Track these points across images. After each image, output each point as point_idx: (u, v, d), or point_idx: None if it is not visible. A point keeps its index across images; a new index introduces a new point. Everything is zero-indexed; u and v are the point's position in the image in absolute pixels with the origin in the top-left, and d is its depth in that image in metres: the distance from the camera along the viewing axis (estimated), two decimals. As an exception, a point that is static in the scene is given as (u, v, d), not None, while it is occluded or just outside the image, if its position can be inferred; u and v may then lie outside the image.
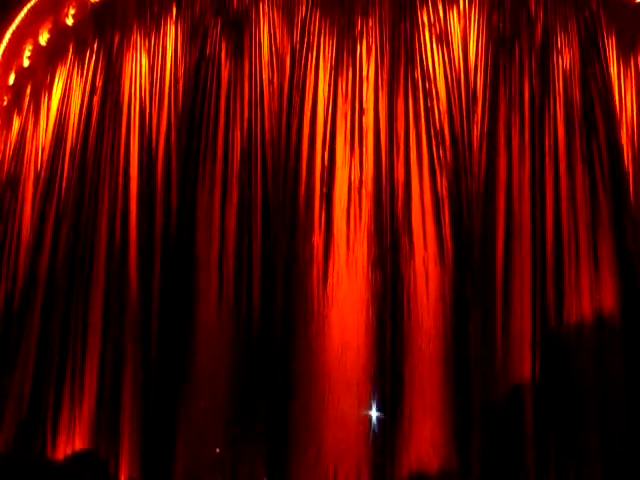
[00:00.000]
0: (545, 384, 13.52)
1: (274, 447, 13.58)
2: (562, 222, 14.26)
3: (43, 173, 16.08)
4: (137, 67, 15.98)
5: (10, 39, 17.19)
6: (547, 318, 13.84)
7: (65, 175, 15.74)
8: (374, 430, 13.53)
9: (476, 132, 14.93)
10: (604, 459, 13.02)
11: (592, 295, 13.83)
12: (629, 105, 15.70)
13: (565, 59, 15.30)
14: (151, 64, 15.96)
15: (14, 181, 16.43)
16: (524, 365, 13.69)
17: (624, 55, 15.88)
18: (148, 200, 15.08)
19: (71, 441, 13.82)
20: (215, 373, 13.85)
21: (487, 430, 13.47)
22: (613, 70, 15.50)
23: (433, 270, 14.16)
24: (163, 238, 14.85)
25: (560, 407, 13.37)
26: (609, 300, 13.80)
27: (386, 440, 13.49)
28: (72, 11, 17.08)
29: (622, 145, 15.03)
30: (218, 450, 13.63)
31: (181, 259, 14.56)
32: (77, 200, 15.35)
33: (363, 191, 14.67)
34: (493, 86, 15.12)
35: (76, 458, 13.43)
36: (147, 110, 15.64)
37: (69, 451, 13.67)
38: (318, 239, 14.45)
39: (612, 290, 13.83)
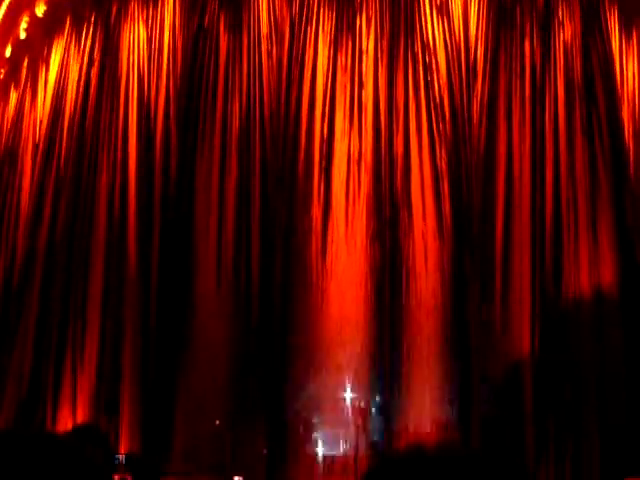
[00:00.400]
0: (544, 357, 13.58)
1: (272, 421, 13.66)
2: (562, 195, 14.23)
3: (41, 146, 16.01)
4: (135, 38, 15.85)
5: (6, 10, 17.01)
6: (546, 291, 13.87)
7: (64, 147, 15.68)
8: (372, 404, 13.60)
9: (476, 105, 14.84)
10: (602, 431, 13.10)
11: (591, 269, 13.84)
12: (630, 78, 15.58)
13: (566, 31, 15.15)
14: (149, 35, 15.84)
15: (12, 154, 16.36)
16: (523, 338, 13.73)
17: (626, 28, 15.71)
18: (147, 171, 15.07)
19: (72, 415, 13.92)
20: (214, 345, 13.90)
21: (486, 402, 13.54)
22: (614, 43, 15.37)
23: (432, 243, 14.15)
24: (162, 209, 14.85)
25: (559, 379, 13.42)
26: (608, 274, 13.81)
27: (385, 414, 13.55)
28: (69, -19, 16.90)
29: (622, 118, 14.93)
30: (218, 422, 13.70)
31: (180, 230, 14.57)
32: (76, 172, 15.32)
33: (362, 164, 14.60)
34: (493, 58, 15.00)
35: (77, 431, 13.48)
36: (145, 82, 15.55)
37: (70, 425, 13.76)
38: (317, 211, 14.42)
39: (611, 264, 13.84)
